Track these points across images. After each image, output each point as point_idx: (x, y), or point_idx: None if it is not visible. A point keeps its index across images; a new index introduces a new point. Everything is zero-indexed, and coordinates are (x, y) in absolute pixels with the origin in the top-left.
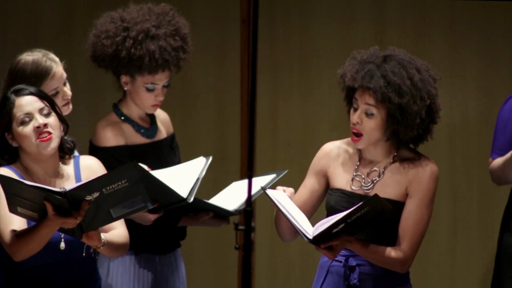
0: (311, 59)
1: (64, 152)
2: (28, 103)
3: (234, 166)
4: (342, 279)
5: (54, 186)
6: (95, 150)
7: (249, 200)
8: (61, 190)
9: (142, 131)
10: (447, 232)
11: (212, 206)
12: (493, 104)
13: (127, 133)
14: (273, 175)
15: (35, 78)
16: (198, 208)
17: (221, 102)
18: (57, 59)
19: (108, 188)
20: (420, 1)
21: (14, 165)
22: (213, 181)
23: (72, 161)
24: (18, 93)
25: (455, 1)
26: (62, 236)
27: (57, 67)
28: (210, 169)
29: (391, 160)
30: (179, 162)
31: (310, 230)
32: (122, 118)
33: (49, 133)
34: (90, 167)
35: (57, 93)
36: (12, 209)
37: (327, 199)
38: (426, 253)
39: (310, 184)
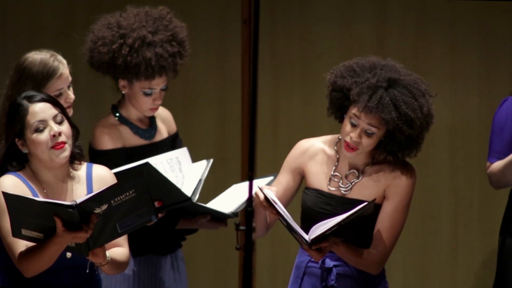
0: (312, 59)
1: (74, 157)
2: (42, 110)
3: (235, 166)
4: (319, 280)
5: (65, 191)
6: (93, 154)
7: (250, 201)
8: (72, 203)
9: (140, 132)
10: (448, 232)
11: (209, 210)
12: (494, 105)
13: (124, 135)
14: (271, 177)
15: (41, 77)
16: (195, 211)
17: (222, 103)
18: (64, 61)
19: (116, 199)
20: (421, 2)
21: (21, 171)
22: (214, 182)
23: (83, 167)
24: (31, 99)
25: (456, 2)
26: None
27: (64, 69)
28: (211, 169)
29: (370, 163)
30: None
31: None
32: (119, 120)
33: (64, 142)
34: (104, 179)
35: (60, 94)
36: (16, 233)
37: (303, 199)
38: (427, 254)
39: (285, 181)
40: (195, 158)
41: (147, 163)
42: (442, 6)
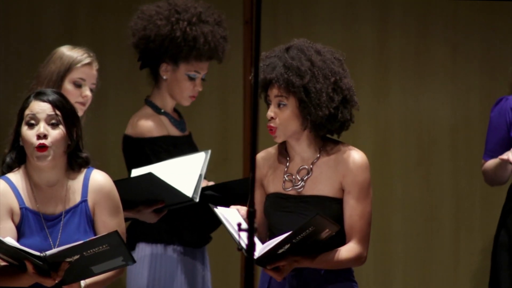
0: None
1: (72, 166)
2: (40, 107)
3: (237, 167)
4: (286, 282)
5: (56, 198)
6: (137, 142)
7: (252, 201)
8: (41, 254)
9: (177, 124)
10: (449, 233)
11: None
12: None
13: (166, 124)
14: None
15: (73, 60)
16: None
17: (224, 103)
18: (96, 61)
19: (88, 251)
20: (422, 3)
21: (16, 172)
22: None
23: (82, 176)
24: (38, 96)
25: (457, 2)
26: None
27: (94, 63)
28: (213, 170)
29: (318, 155)
30: None
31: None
32: (156, 111)
33: (46, 146)
34: (100, 190)
35: (80, 85)
36: None
37: (264, 205)
38: (429, 254)
39: (259, 198)
40: None
41: (150, 173)
42: (444, 7)
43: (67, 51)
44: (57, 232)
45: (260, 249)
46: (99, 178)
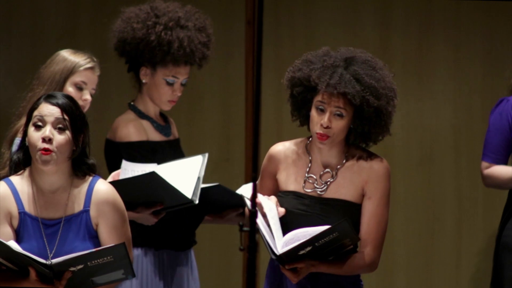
0: None
1: (77, 172)
2: (48, 110)
3: (239, 168)
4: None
5: (58, 203)
6: (116, 146)
7: (254, 201)
8: (48, 262)
9: (160, 128)
10: (451, 233)
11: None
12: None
13: (147, 129)
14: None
15: (75, 63)
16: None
17: (226, 104)
18: (98, 67)
19: (93, 262)
20: (424, 4)
21: (21, 174)
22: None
23: (86, 184)
24: (48, 99)
25: (459, 3)
26: None
27: (96, 68)
28: (215, 171)
29: (344, 161)
30: None
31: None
32: (139, 115)
33: (50, 150)
34: (105, 202)
35: (82, 89)
36: None
37: (280, 203)
38: (431, 254)
39: (268, 186)
40: None
41: (153, 173)
42: (446, 8)
43: (71, 54)
44: (55, 238)
45: (281, 244)
46: (103, 189)
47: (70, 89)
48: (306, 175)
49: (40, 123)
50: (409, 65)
